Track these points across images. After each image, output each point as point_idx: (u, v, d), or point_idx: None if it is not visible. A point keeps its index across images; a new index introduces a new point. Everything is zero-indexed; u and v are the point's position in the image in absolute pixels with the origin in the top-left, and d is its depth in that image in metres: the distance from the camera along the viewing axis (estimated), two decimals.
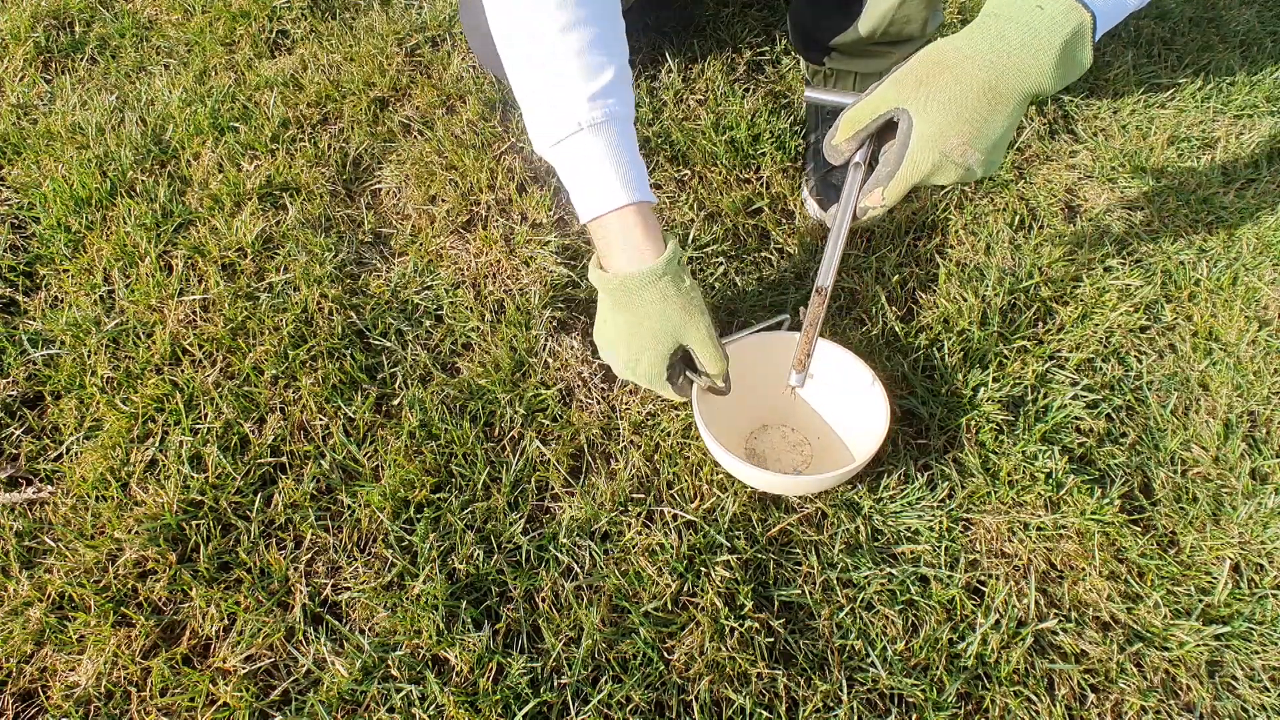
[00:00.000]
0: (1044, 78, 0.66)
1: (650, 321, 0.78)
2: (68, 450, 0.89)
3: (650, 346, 0.79)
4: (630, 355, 0.81)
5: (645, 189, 0.79)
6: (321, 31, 1.40)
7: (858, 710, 0.73)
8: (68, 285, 1.04)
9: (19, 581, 0.79)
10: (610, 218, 0.77)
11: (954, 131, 0.69)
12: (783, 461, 0.91)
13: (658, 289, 0.77)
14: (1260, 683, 0.75)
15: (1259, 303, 1.03)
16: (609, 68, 0.76)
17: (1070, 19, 0.65)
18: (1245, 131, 1.25)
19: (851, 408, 0.88)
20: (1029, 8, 0.66)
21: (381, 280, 1.04)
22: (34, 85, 1.32)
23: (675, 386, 0.82)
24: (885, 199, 0.74)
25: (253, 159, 1.18)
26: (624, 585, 0.79)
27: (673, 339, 0.79)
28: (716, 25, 1.37)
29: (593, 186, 0.77)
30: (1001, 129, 0.69)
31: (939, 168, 0.70)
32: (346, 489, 0.86)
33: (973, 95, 0.67)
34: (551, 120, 0.77)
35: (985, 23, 0.68)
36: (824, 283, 0.80)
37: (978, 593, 0.80)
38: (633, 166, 0.78)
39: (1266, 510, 0.85)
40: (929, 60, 0.70)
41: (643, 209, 0.78)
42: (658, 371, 0.80)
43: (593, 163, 0.77)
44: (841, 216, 0.78)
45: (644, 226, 0.77)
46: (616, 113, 0.77)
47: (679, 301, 0.77)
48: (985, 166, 0.71)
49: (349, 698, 0.73)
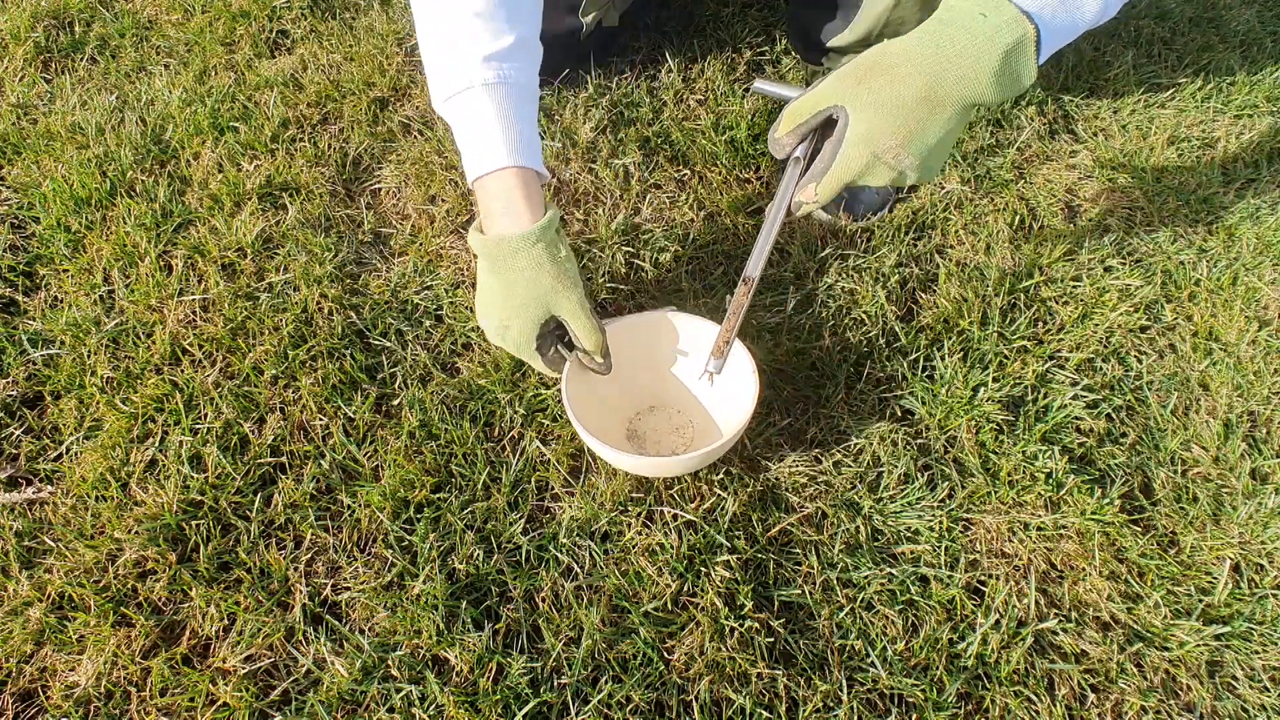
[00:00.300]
0: (983, 86, 0.66)
1: (522, 288, 0.77)
2: (68, 450, 0.89)
3: (520, 313, 0.78)
4: (500, 321, 0.80)
5: (533, 158, 0.78)
6: (321, 31, 1.40)
7: (858, 710, 0.73)
8: (68, 285, 1.04)
9: (19, 581, 0.79)
10: (491, 179, 0.77)
11: (887, 132, 0.68)
12: (663, 444, 0.91)
13: (531, 255, 0.76)
14: (1260, 683, 0.75)
15: (1259, 303, 1.03)
16: (510, 34, 0.77)
17: (1013, 30, 0.65)
18: (1245, 131, 1.25)
19: (730, 389, 0.87)
20: (973, 15, 0.66)
21: (381, 280, 1.04)
22: (34, 85, 1.32)
23: (545, 358, 0.82)
24: (818, 195, 0.74)
25: (253, 159, 1.18)
26: (624, 585, 0.79)
27: (543, 308, 0.78)
28: (716, 25, 1.37)
29: (478, 147, 0.77)
30: (938, 135, 0.69)
31: (870, 168, 0.70)
32: (346, 489, 0.86)
33: (909, 98, 0.67)
34: (446, 76, 0.77)
35: (930, 27, 0.68)
36: (751, 273, 0.80)
37: (978, 593, 0.80)
38: (522, 133, 0.78)
39: (1266, 510, 0.85)
40: (871, 60, 0.70)
41: (525, 174, 0.77)
42: (526, 339, 0.80)
43: (481, 122, 0.77)
44: (776, 209, 0.78)
45: (524, 191, 0.77)
46: (512, 78, 0.77)
47: (552, 270, 0.77)
48: (920, 171, 0.71)
49: (349, 698, 0.73)
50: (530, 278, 0.77)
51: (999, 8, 0.65)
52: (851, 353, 0.97)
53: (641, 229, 1.08)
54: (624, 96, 1.25)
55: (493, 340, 0.83)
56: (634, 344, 0.87)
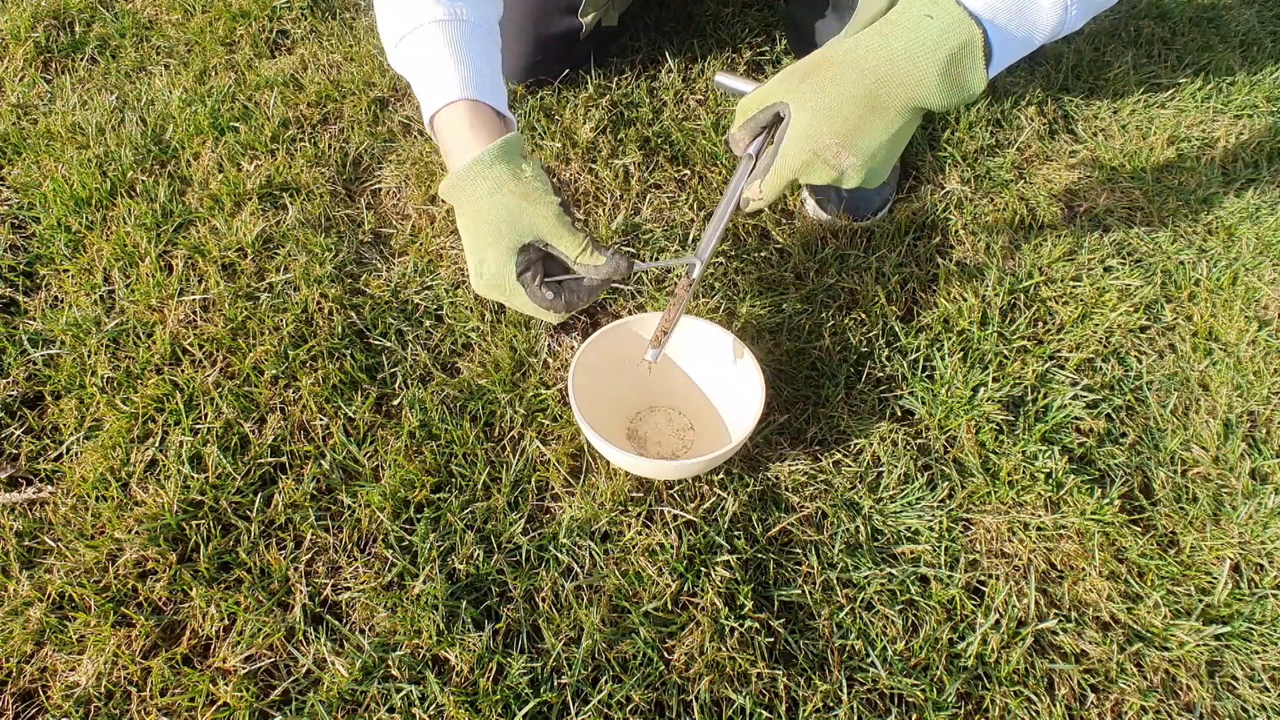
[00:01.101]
0: (927, 88, 0.65)
1: (489, 214, 0.70)
2: (68, 450, 0.89)
3: (492, 242, 0.71)
4: (476, 257, 0.72)
5: (490, 94, 0.74)
6: (321, 31, 1.40)
7: (858, 710, 0.73)
8: (68, 285, 1.04)
9: (19, 581, 0.79)
10: (443, 115, 0.73)
11: (827, 131, 0.67)
12: (663, 444, 0.91)
13: (489, 179, 0.70)
14: (1260, 683, 0.75)
15: (1259, 303, 1.03)
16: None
17: (958, 32, 0.64)
18: (1245, 131, 1.25)
19: (733, 392, 0.87)
20: (918, 16, 0.65)
21: (381, 280, 1.04)
22: (34, 85, 1.32)
23: (529, 290, 0.72)
24: (763, 192, 0.73)
25: (253, 159, 1.18)
26: (624, 585, 0.79)
27: (515, 230, 0.71)
28: (716, 25, 1.37)
29: (430, 84, 0.73)
30: (881, 136, 0.68)
31: (809, 165, 0.69)
32: (346, 489, 0.86)
33: (850, 97, 0.67)
34: (398, 17, 0.74)
35: (877, 27, 0.67)
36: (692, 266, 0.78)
37: (978, 593, 0.80)
38: (478, 69, 0.74)
39: (1266, 510, 0.85)
40: (818, 58, 0.69)
41: (478, 107, 0.72)
42: (505, 271, 0.71)
43: (432, 59, 0.73)
44: (724, 206, 0.77)
45: (477, 121, 0.72)
46: (465, 17, 0.74)
47: (517, 189, 0.70)
48: (864, 173, 0.70)
49: (349, 698, 0.73)
50: (494, 203, 0.70)
51: (946, 10, 0.64)
52: (851, 353, 0.97)
53: (641, 229, 1.08)
54: (624, 96, 1.25)
55: (475, 287, 0.75)
56: (634, 344, 0.87)
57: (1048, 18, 0.67)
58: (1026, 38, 0.68)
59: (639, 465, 0.81)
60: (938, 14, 0.64)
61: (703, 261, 0.78)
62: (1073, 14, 0.68)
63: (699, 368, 0.91)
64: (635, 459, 0.78)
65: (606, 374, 0.85)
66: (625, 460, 0.80)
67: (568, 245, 0.72)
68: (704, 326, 0.86)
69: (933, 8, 0.65)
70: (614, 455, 0.79)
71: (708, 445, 0.90)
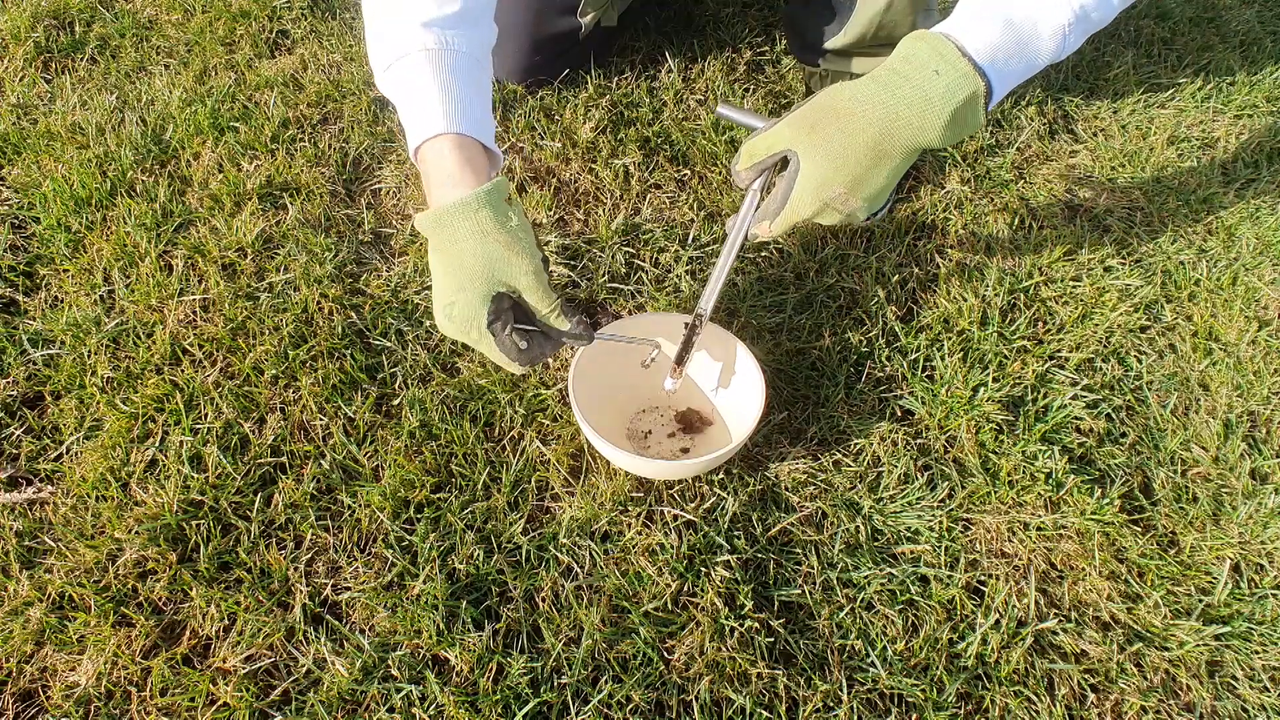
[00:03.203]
0: (931, 136, 0.67)
1: (468, 259, 0.69)
2: (68, 450, 0.89)
3: (467, 286, 0.69)
4: (446, 298, 0.70)
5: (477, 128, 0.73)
6: (321, 31, 1.40)
7: (858, 710, 0.73)
8: (68, 285, 1.04)
9: (19, 581, 0.79)
10: (428, 147, 0.72)
11: (837, 181, 0.69)
12: (663, 445, 0.91)
13: (474, 222, 0.68)
14: (1260, 683, 0.75)
15: (1259, 303, 1.03)
16: (457, 3, 0.74)
17: (964, 87, 0.65)
18: (1245, 131, 1.25)
19: (733, 392, 0.88)
20: (926, 72, 0.66)
21: (381, 280, 1.04)
22: (34, 85, 1.32)
23: (499, 339, 0.71)
24: (772, 231, 0.75)
25: (253, 159, 1.18)
26: (624, 585, 0.79)
27: (492, 278, 0.69)
28: (716, 25, 1.37)
29: (416, 115, 0.73)
30: (885, 180, 0.70)
31: (820, 213, 0.72)
32: (346, 489, 0.86)
33: (858, 149, 0.68)
34: (386, 43, 0.74)
35: (883, 77, 0.68)
36: (704, 308, 0.81)
37: (978, 593, 0.80)
38: (466, 101, 0.73)
39: (1266, 510, 0.85)
40: (824, 106, 0.70)
41: (465, 142, 0.72)
42: (474, 315, 0.69)
43: (419, 89, 0.72)
44: (733, 240, 0.79)
45: (463, 157, 0.71)
46: (456, 47, 0.74)
47: (502, 238, 0.69)
48: (867, 211, 0.72)
49: (349, 698, 0.73)
50: (476, 248, 0.68)
51: (953, 65, 0.65)
52: (851, 353, 0.97)
53: (641, 229, 1.08)
54: (624, 96, 1.25)
55: (441, 325, 0.73)
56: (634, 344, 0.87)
57: (1047, 47, 0.69)
58: (1027, 68, 0.69)
59: (639, 465, 0.81)
60: (944, 69, 0.65)
61: (712, 304, 0.81)
62: (1071, 41, 0.69)
63: (699, 368, 0.91)
64: (635, 459, 0.78)
65: (606, 374, 0.85)
66: (625, 460, 0.80)
67: (539, 303, 0.72)
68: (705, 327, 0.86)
69: (940, 63, 0.66)
70: (614, 455, 0.79)
71: (708, 445, 0.90)
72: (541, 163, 1.15)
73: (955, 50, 0.65)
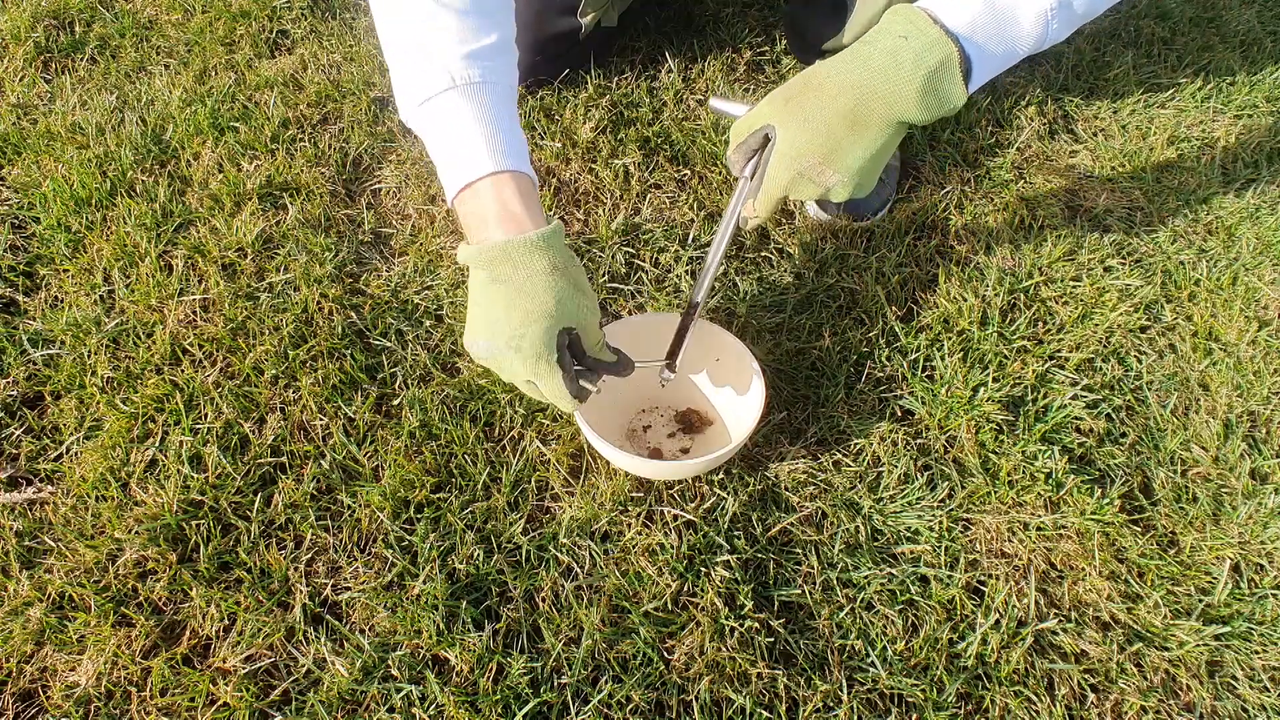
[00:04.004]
0: (908, 105, 0.67)
1: (541, 294, 0.68)
2: (68, 450, 0.89)
3: (538, 320, 0.68)
4: (513, 330, 0.68)
5: (524, 163, 0.73)
6: (321, 31, 1.40)
7: (858, 710, 0.73)
8: (68, 285, 1.04)
9: (19, 581, 0.79)
10: (482, 185, 0.70)
11: (810, 150, 0.70)
12: (663, 445, 0.91)
13: (548, 258, 0.68)
14: (1260, 683, 0.75)
15: (1259, 303, 1.03)
16: (493, 33, 0.73)
17: (935, 51, 0.66)
18: (1245, 131, 1.25)
19: (733, 392, 0.88)
20: (894, 37, 0.67)
21: (381, 280, 1.04)
22: (34, 85, 1.32)
23: (567, 374, 0.70)
24: (756, 211, 0.75)
25: (253, 159, 1.18)
26: (624, 585, 0.79)
27: (563, 313, 0.69)
28: (716, 25, 1.37)
29: (462, 153, 0.71)
30: (864, 153, 0.70)
31: (795, 183, 0.72)
32: (346, 489, 0.86)
33: (831, 116, 0.69)
34: (421, 76, 0.71)
35: (856, 48, 0.69)
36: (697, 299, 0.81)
37: (978, 593, 0.80)
38: (510, 136, 0.72)
39: (1266, 510, 0.85)
40: (800, 81, 0.71)
41: (521, 180, 0.71)
42: (545, 348, 0.68)
43: (463, 126, 0.70)
44: (725, 226, 0.79)
45: (522, 195, 0.70)
46: (494, 80, 0.72)
47: (571, 274, 0.70)
48: (851, 188, 0.72)
49: (349, 698, 0.73)
50: (549, 283, 0.68)
51: (922, 30, 0.66)
52: (851, 353, 0.97)
53: (641, 229, 1.08)
54: (624, 96, 1.25)
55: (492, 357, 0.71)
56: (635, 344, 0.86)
57: (1029, 33, 0.69)
58: (1008, 53, 0.70)
59: (639, 466, 0.81)
60: (913, 34, 0.66)
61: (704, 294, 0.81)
62: (1054, 29, 0.70)
63: (699, 368, 0.91)
64: (635, 459, 0.78)
65: None
66: (625, 461, 0.80)
67: (593, 338, 0.73)
68: (704, 327, 0.86)
69: (908, 28, 0.67)
70: (614, 456, 0.79)
71: (708, 445, 0.90)
72: (541, 163, 1.15)
73: (926, 17, 0.66)
